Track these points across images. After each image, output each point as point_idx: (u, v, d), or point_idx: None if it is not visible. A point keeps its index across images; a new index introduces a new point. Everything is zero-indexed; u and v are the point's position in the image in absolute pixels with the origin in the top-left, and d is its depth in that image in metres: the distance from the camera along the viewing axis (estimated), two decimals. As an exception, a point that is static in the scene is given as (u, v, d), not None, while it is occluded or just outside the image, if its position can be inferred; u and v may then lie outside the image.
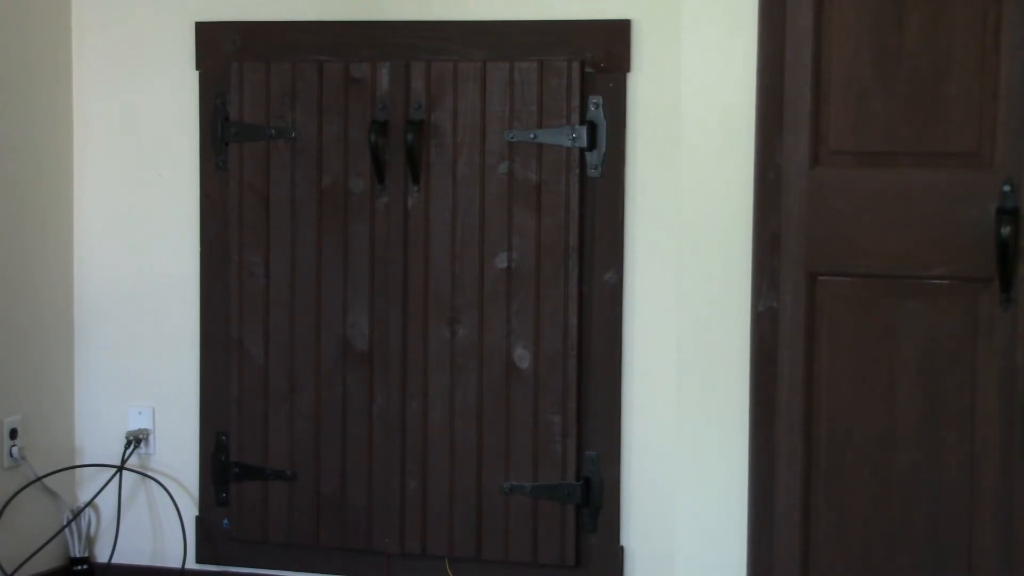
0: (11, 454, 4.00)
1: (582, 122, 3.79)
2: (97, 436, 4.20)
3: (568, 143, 3.78)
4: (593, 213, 3.82)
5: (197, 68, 4.04)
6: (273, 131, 3.95)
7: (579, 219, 3.81)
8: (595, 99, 3.79)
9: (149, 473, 4.16)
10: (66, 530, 4.15)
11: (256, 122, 3.96)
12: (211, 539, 4.10)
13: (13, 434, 4.01)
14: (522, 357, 3.83)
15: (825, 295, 3.13)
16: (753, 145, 3.16)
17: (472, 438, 3.88)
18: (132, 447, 4.14)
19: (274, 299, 3.98)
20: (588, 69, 3.79)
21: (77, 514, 4.16)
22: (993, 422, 3.05)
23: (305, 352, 3.97)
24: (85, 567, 4.16)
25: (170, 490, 4.12)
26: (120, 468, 4.13)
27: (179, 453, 4.14)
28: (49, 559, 4.12)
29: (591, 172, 3.81)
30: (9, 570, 3.95)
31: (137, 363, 4.16)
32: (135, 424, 4.16)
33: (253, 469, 4.01)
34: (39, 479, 4.08)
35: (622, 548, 3.86)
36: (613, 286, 3.83)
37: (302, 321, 3.97)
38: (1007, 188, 2.99)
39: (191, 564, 4.13)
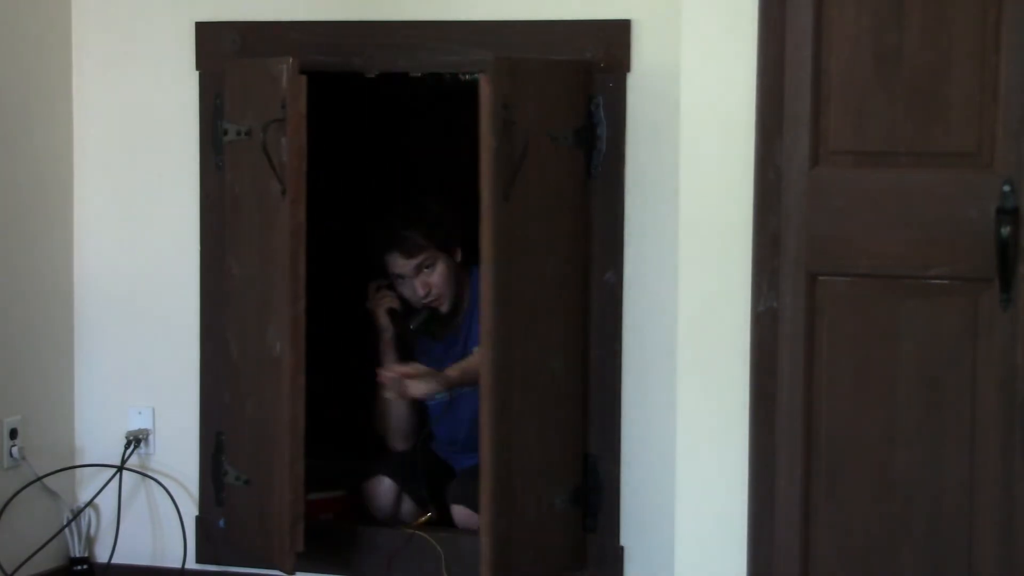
0: (11, 454, 4.00)
1: (582, 122, 3.78)
2: (97, 436, 4.20)
3: (568, 143, 3.78)
4: (593, 213, 3.82)
5: (197, 68, 4.05)
6: (273, 131, 3.94)
7: (579, 219, 3.81)
8: (595, 99, 3.79)
9: (149, 473, 4.16)
10: (66, 530, 4.15)
11: (256, 122, 3.95)
12: (211, 539, 4.10)
13: (13, 434, 4.01)
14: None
15: (825, 295, 3.13)
16: (753, 145, 3.15)
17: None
18: (132, 447, 4.14)
19: (274, 299, 3.98)
20: (588, 69, 3.79)
21: (77, 514, 4.16)
22: (993, 422, 3.05)
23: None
24: (85, 567, 4.16)
25: (170, 490, 4.13)
26: (120, 468, 4.13)
27: (179, 453, 4.14)
28: (49, 559, 4.12)
29: (591, 172, 3.81)
30: (9, 570, 3.95)
31: (137, 363, 4.16)
32: (135, 424, 4.16)
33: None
34: (39, 479, 4.08)
35: (622, 548, 3.86)
36: (613, 286, 3.82)
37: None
38: (1007, 188, 2.99)
39: (191, 564, 4.13)
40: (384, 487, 4.19)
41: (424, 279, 4.21)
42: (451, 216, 4.27)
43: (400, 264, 4.21)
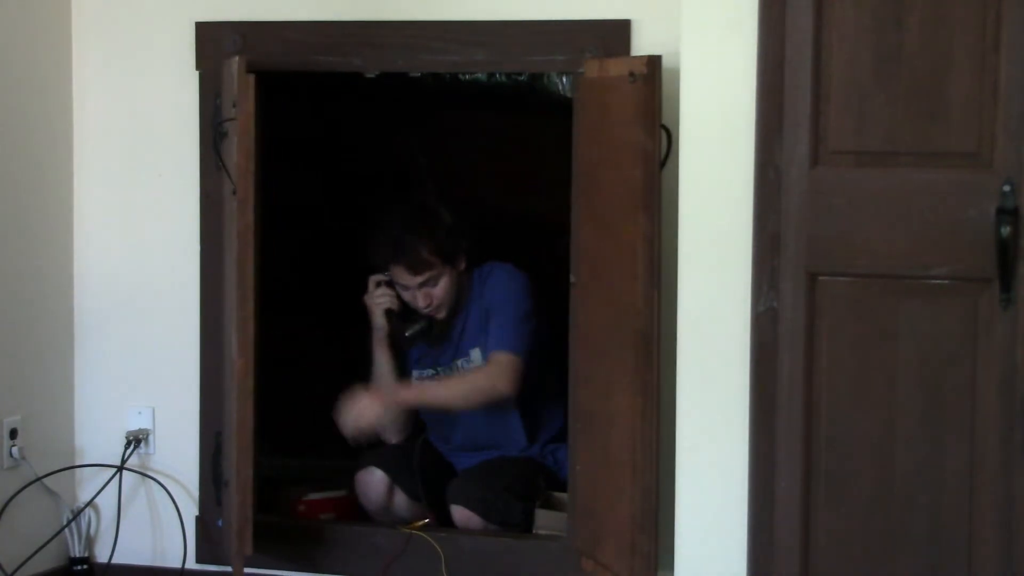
0: (11, 454, 4.00)
1: (582, 122, 3.78)
2: (97, 436, 4.20)
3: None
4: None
5: (197, 68, 4.04)
6: (273, 131, 3.94)
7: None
8: (595, 99, 3.79)
9: (149, 473, 4.16)
10: (66, 530, 4.15)
11: (256, 122, 3.95)
12: (211, 539, 4.09)
13: (13, 434, 4.01)
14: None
15: (825, 295, 3.13)
16: (753, 145, 3.15)
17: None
18: (132, 447, 4.14)
19: (274, 299, 3.98)
20: (588, 69, 3.79)
21: (77, 514, 4.16)
22: (993, 422, 3.05)
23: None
24: (85, 567, 4.16)
25: (170, 490, 4.12)
26: (120, 468, 4.13)
27: (179, 453, 4.14)
28: (49, 559, 4.12)
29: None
30: (9, 570, 3.95)
31: (137, 363, 4.16)
32: (135, 424, 4.16)
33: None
34: (39, 479, 4.08)
35: (622, 548, 3.86)
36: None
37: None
38: (1007, 188, 2.99)
39: (191, 564, 4.13)
40: (375, 479, 4.19)
41: (427, 291, 4.18)
42: (460, 224, 4.22)
43: (405, 277, 4.18)
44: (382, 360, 4.29)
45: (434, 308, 4.20)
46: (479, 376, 4.13)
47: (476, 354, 4.23)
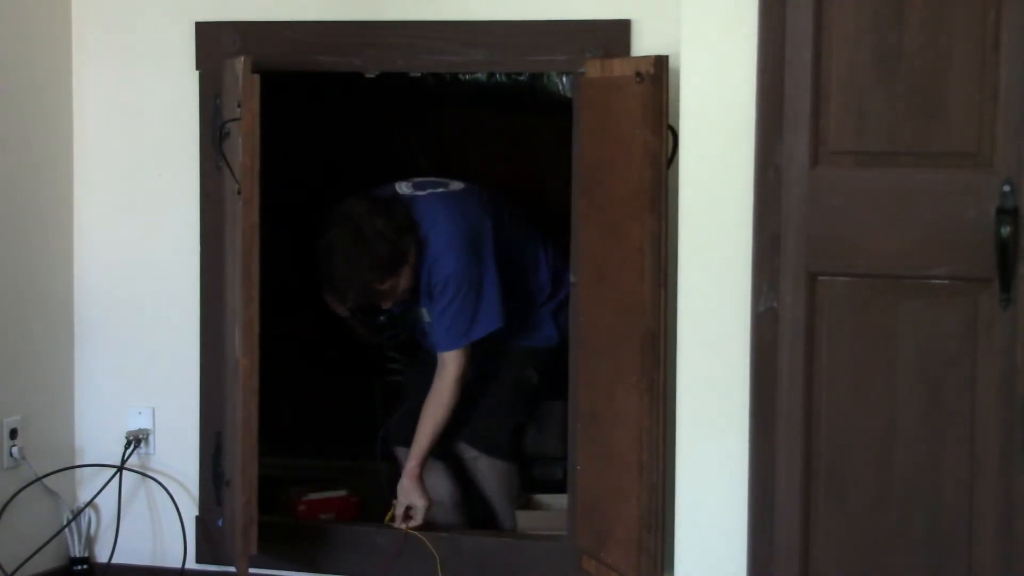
0: (11, 454, 4.00)
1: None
2: (97, 436, 4.20)
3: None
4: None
5: (197, 68, 4.04)
6: (273, 131, 3.94)
7: (579, 219, 3.81)
8: (595, 99, 3.79)
9: (149, 473, 4.16)
10: (66, 530, 4.15)
11: (256, 122, 3.95)
12: (211, 539, 4.09)
13: (13, 434, 4.01)
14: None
15: (825, 295, 3.13)
16: (753, 145, 3.15)
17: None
18: (132, 447, 4.14)
19: (274, 299, 3.98)
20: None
21: (77, 514, 4.16)
22: (993, 422, 3.05)
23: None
24: (85, 567, 4.16)
25: (170, 490, 4.13)
26: (120, 468, 4.13)
27: (179, 453, 4.14)
28: (49, 559, 4.12)
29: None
30: (9, 570, 3.95)
31: (137, 363, 4.16)
32: (135, 424, 4.16)
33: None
34: (39, 479, 4.08)
35: (622, 548, 3.86)
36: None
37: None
38: (1007, 188, 2.99)
39: (191, 564, 4.13)
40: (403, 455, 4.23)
41: (387, 300, 4.18)
42: (403, 224, 4.11)
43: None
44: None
45: (398, 303, 4.20)
46: (445, 385, 4.10)
47: (424, 313, 4.22)
